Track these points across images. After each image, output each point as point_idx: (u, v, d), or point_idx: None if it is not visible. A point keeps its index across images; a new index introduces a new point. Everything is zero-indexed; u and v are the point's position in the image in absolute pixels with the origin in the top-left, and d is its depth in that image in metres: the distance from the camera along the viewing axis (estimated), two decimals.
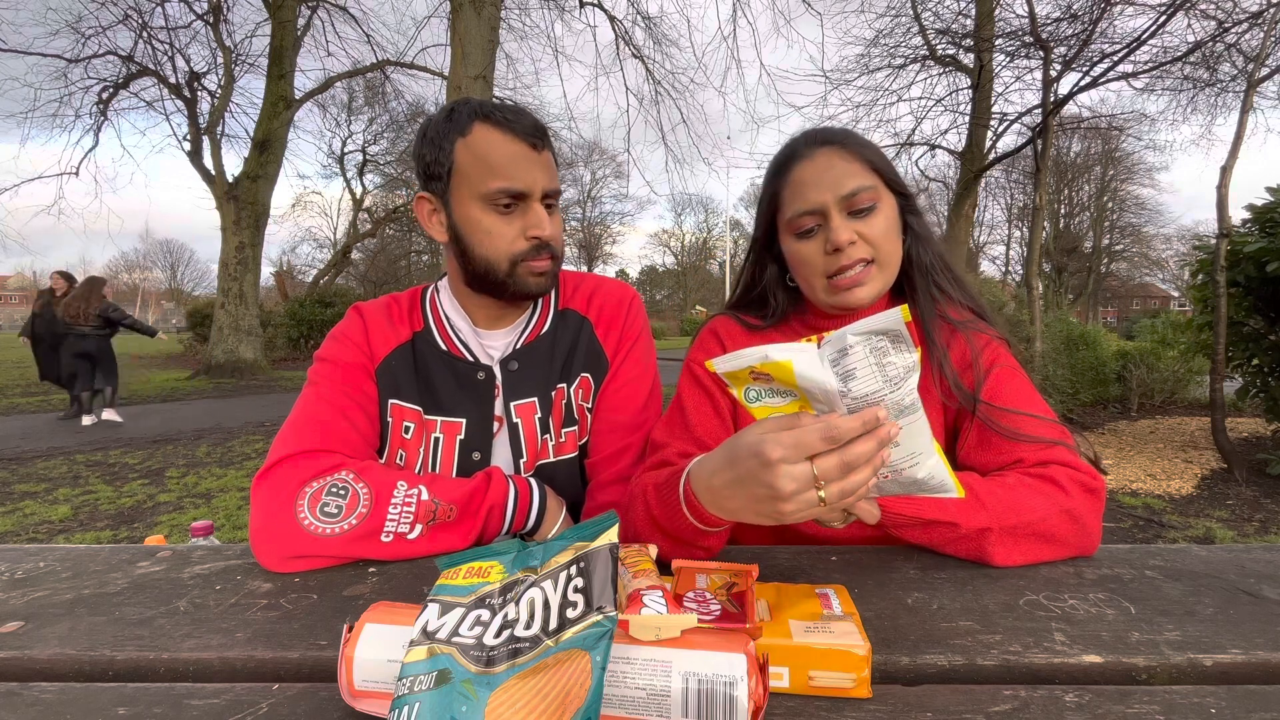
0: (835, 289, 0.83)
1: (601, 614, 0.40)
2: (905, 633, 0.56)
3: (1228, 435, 4.89)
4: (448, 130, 0.84)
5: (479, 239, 0.85)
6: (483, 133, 0.83)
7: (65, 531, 3.59)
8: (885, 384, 0.50)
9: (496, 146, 0.82)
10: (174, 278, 57.50)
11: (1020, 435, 0.77)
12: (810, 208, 0.82)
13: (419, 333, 0.94)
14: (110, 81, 12.35)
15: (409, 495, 0.75)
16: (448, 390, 0.91)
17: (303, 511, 0.72)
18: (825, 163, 0.82)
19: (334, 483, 0.75)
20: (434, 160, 0.85)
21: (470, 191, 0.84)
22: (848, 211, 0.81)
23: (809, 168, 0.83)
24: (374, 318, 0.94)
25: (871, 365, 0.50)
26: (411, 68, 13.05)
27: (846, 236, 0.80)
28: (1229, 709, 0.45)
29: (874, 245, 0.81)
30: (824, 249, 0.82)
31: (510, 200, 0.84)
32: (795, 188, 0.84)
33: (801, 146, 0.85)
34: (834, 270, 0.82)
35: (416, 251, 23.11)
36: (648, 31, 9.39)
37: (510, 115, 0.84)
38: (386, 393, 0.90)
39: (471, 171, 0.83)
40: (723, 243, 39.38)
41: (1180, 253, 26.29)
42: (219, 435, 6.38)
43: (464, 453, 0.90)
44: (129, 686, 0.50)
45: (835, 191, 0.81)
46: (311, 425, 0.82)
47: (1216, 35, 5.71)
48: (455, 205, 0.86)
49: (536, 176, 0.84)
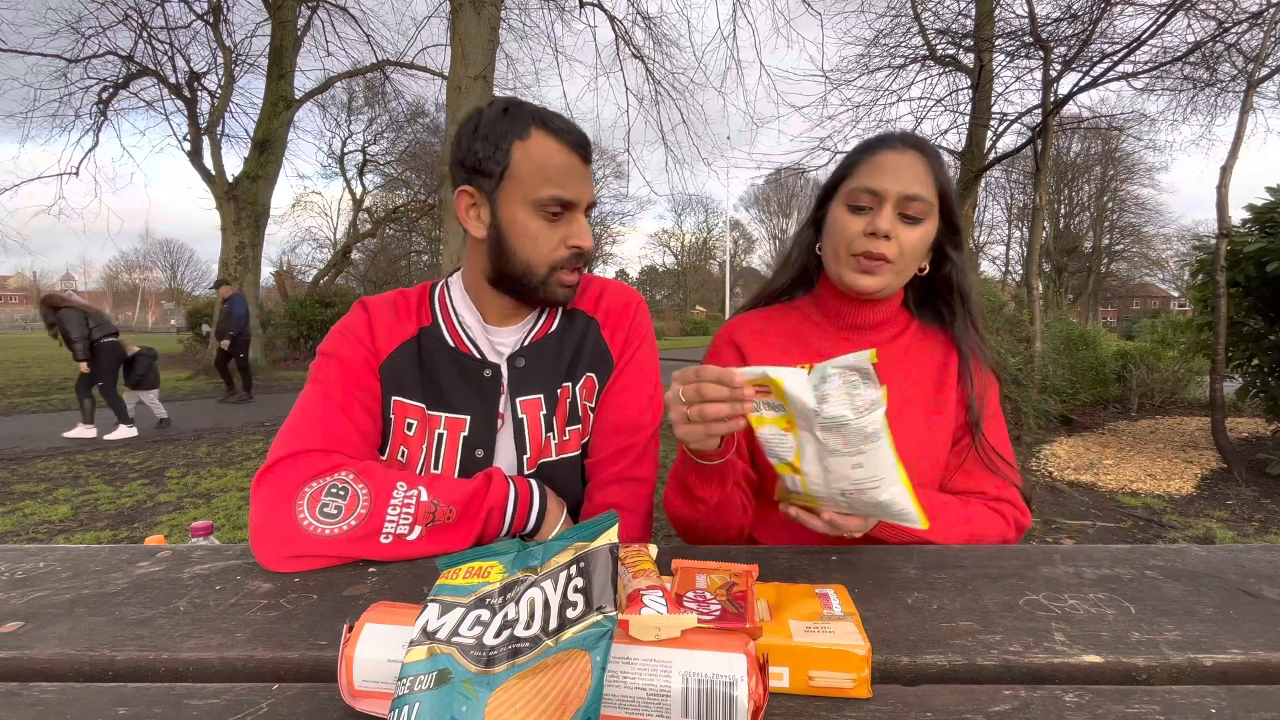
0: (853, 266, 0.91)
1: (601, 614, 0.40)
2: (905, 633, 0.56)
3: (1228, 435, 4.90)
4: (505, 131, 0.84)
5: (522, 242, 0.86)
6: (541, 139, 0.84)
7: (65, 531, 3.59)
8: (852, 411, 0.59)
9: (554, 155, 0.84)
10: (174, 278, 57.52)
11: (998, 473, 0.92)
12: (876, 188, 0.89)
13: (426, 328, 0.94)
14: (110, 81, 12.34)
15: (408, 496, 0.75)
16: (453, 387, 0.91)
17: (302, 511, 0.72)
18: (909, 162, 0.90)
19: (333, 483, 0.75)
20: (487, 157, 0.85)
21: (522, 195, 0.85)
22: (900, 212, 0.89)
23: (894, 159, 0.90)
24: (379, 313, 0.93)
25: (843, 394, 0.60)
26: (411, 68, 13.04)
27: (887, 227, 0.88)
28: (1229, 709, 0.45)
29: (902, 250, 0.89)
30: (864, 228, 0.89)
31: (559, 209, 0.86)
32: (872, 166, 0.91)
33: (897, 141, 0.92)
34: (861, 250, 0.90)
35: (416, 251, 23.09)
36: (648, 32, 9.38)
37: (564, 125, 0.86)
38: (390, 390, 0.90)
39: (526, 175, 0.84)
40: (723, 243, 39.39)
41: (1180, 253, 26.27)
42: (219, 435, 6.38)
43: (467, 450, 0.90)
44: (129, 686, 0.50)
45: (901, 188, 0.88)
46: (312, 423, 0.82)
47: (1216, 35, 5.71)
48: (502, 205, 0.86)
49: (584, 188, 0.87)
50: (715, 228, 43.19)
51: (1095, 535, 3.57)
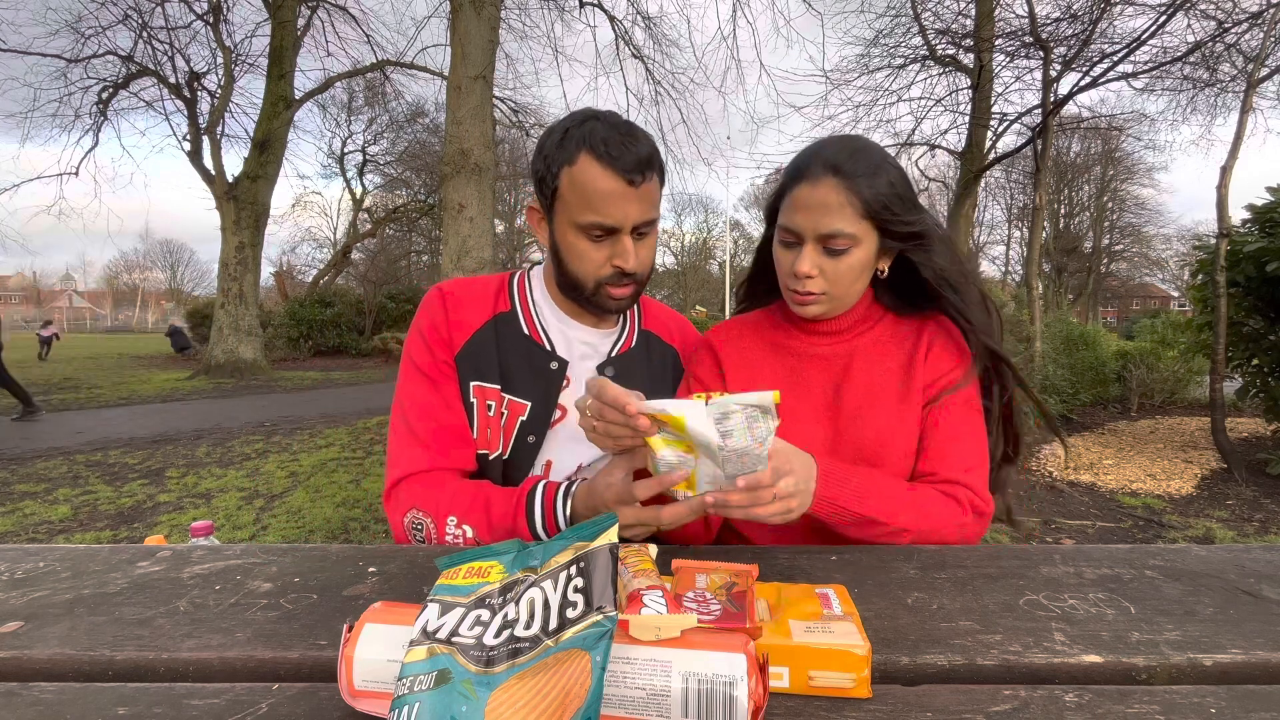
0: (791, 298, 0.92)
1: (601, 614, 0.40)
2: (905, 633, 0.56)
3: (1228, 435, 4.90)
4: (557, 155, 0.89)
5: (572, 258, 0.93)
6: (585, 165, 0.87)
7: (65, 531, 3.59)
8: (752, 442, 0.64)
9: (596, 181, 0.87)
10: (174, 278, 57.52)
11: (948, 457, 0.89)
12: (793, 228, 0.88)
13: (502, 314, 0.99)
14: (110, 81, 12.35)
15: (457, 531, 0.86)
16: (520, 372, 0.97)
17: (405, 532, 0.90)
18: (821, 195, 0.85)
19: (414, 518, 0.89)
20: (543, 179, 0.91)
21: (567, 217, 0.91)
22: (823, 246, 0.87)
23: (807, 193, 0.86)
24: (456, 299, 0.98)
25: (744, 428, 0.64)
26: (411, 68, 13.04)
27: (806, 269, 0.87)
28: (1229, 709, 0.45)
29: (831, 282, 0.88)
30: (792, 267, 0.89)
31: (602, 233, 0.90)
32: (791, 203, 0.89)
33: (811, 167, 0.87)
34: (792, 287, 0.90)
35: (416, 252, 23.10)
36: (648, 32, 9.37)
37: (616, 150, 0.86)
38: (467, 376, 0.96)
39: (571, 199, 0.89)
40: (723, 243, 39.37)
41: (1180, 253, 26.26)
42: (219, 435, 6.38)
43: (521, 434, 0.95)
44: (129, 686, 0.50)
45: (815, 228, 0.86)
46: (415, 444, 0.92)
47: (1216, 35, 5.71)
48: (556, 224, 0.93)
49: (629, 212, 0.89)
50: (715, 228, 43.19)
51: (1095, 535, 3.57)
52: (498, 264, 5.97)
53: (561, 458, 0.97)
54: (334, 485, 4.59)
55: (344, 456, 5.54)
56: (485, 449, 0.95)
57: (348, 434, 6.51)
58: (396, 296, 18.45)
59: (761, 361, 0.99)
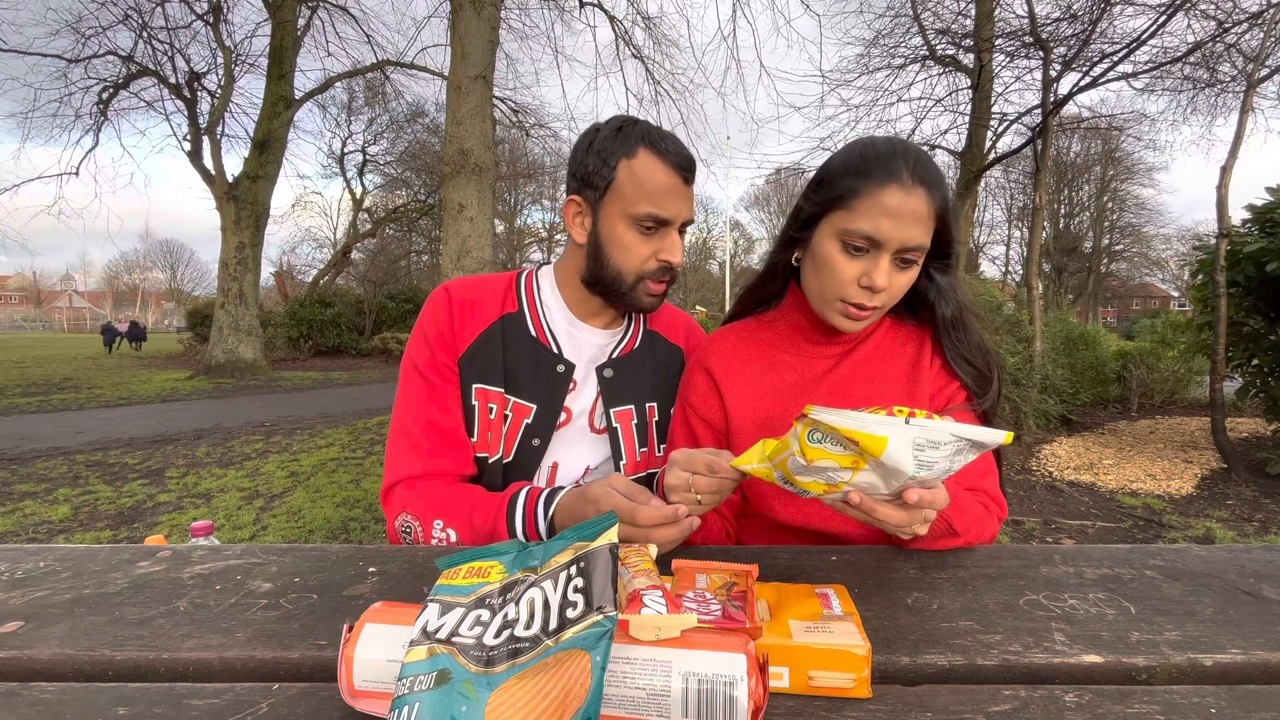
0: (839, 310, 0.84)
1: (601, 614, 0.40)
2: (905, 633, 0.56)
3: (1228, 435, 4.90)
4: (615, 148, 0.90)
5: (617, 251, 0.93)
6: (646, 158, 0.90)
7: (65, 531, 3.59)
8: (946, 472, 0.56)
9: (656, 174, 0.90)
10: (174, 278, 57.52)
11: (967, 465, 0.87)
12: (875, 235, 0.79)
13: (510, 315, 0.98)
14: (110, 81, 12.35)
15: (442, 535, 0.87)
16: (526, 375, 0.96)
17: (398, 535, 0.91)
18: (914, 205, 0.78)
19: (404, 522, 0.89)
20: (595, 171, 0.91)
21: (621, 208, 0.91)
22: (899, 259, 0.81)
23: (901, 199, 0.78)
24: (462, 300, 0.97)
25: (948, 460, 0.54)
26: (411, 68, 13.03)
27: (884, 283, 0.80)
28: (1229, 709, 0.45)
29: (891, 296, 0.84)
30: (858, 277, 0.81)
31: (654, 224, 0.91)
32: (875, 206, 0.79)
33: (906, 173, 0.78)
34: (854, 300, 0.82)
35: (416, 252, 23.08)
36: (648, 32, 9.36)
37: (671, 146, 0.91)
38: (470, 378, 0.95)
39: (628, 191, 0.90)
40: (722, 243, 39.38)
41: (1180, 253, 26.25)
42: (219, 435, 6.38)
43: (525, 437, 0.95)
44: (129, 686, 0.50)
45: (903, 240, 0.79)
46: (411, 448, 0.92)
47: (1216, 35, 5.70)
48: (603, 216, 0.93)
49: (681, 207, 0.92)
50: (715, 228, 43.24)
51: (1095, 535, 3.57)
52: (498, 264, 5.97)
53: (568, 461, 0.97)
54: (334, 485, 4.59)
55: (344, 456, 5.54)
56: (485, 452, 0.94)
57: (348, 434, 6.51)
58: (396, 296, 18.46)
59: (762, 377, 0.94)
